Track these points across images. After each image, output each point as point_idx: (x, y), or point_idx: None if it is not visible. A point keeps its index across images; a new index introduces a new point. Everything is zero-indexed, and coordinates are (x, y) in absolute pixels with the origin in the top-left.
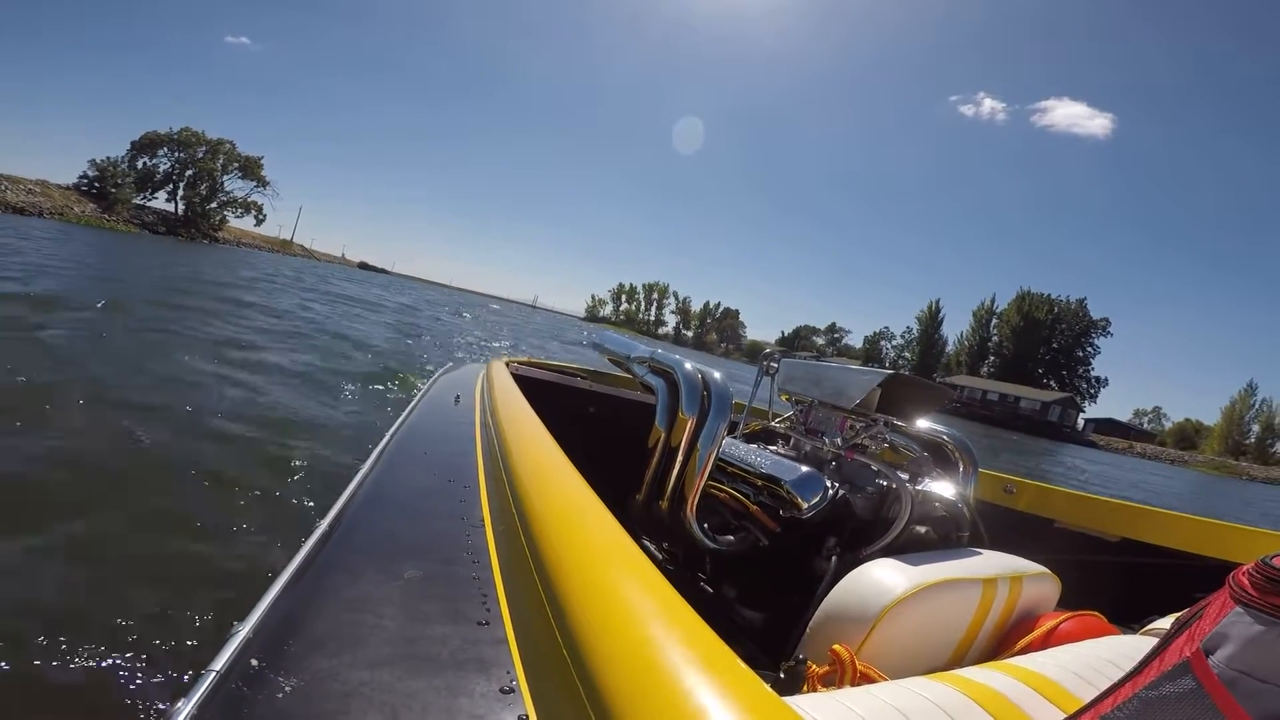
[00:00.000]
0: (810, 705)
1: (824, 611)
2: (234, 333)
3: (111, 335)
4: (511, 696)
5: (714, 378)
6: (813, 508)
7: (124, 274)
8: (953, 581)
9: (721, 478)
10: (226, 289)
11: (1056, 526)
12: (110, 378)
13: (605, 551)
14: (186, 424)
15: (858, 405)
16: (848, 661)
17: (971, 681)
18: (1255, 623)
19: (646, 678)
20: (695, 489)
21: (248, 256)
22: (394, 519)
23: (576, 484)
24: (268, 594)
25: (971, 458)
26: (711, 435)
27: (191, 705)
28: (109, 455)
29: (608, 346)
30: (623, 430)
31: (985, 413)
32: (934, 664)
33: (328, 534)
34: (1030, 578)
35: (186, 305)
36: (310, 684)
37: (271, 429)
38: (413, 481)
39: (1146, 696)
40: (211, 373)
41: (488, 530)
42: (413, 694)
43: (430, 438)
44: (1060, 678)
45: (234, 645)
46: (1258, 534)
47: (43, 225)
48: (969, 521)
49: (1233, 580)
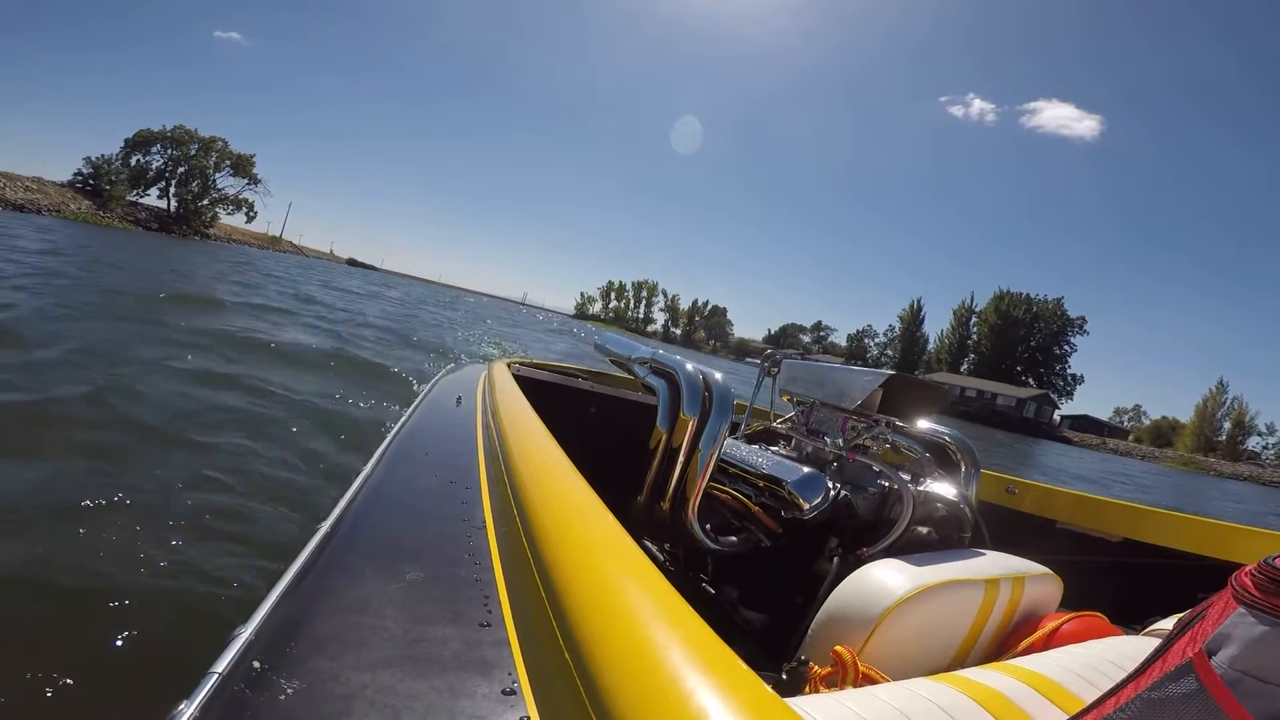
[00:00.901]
0: (812, 706)
1: (826, 612)
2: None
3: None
4: (513, 698)
5: (715, 379)
6: (814, 508)
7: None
8: (955, 582)
9: (723, 479)
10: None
11: (1058, 527)
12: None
13: (607, 552)
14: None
15: (859, 406)
16: (849, 662)
17: (974, 682)
18: (1258, 624)
19: (648, 679)
20: (697, 490)
21: (257, 257)
22: (396, 520)
23: (578, 485)
24: (269, 596)
25: (973, 458)
26: (713, 436)
27: (194, 707)
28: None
29: (609, 348)
30: (624, 431)
31: (963, 409)
32: (936, 665)
33: (329, 535)
34: (1032, 578)
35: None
36: (312, 686)
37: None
38: (414, 483)
39: (1149, 697)
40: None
41: (489, 531)
42: (414, 695)
43: (432, 439)
44: (1062, 679)
45: (236, 647)
46: (1260, 535)
47: (47, 223)
48: (971, 522)
49: (1235, 581)
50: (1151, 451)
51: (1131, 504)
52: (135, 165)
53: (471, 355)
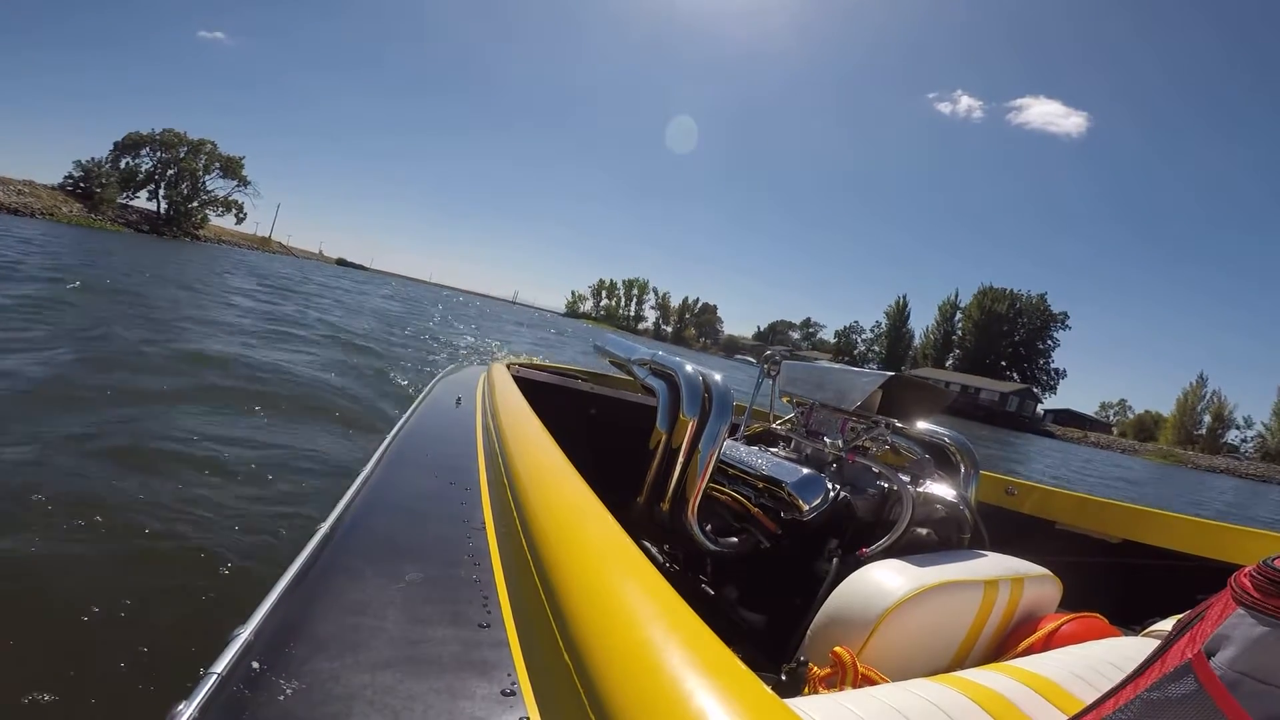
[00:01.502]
0: (811, 707)
1: (825, 613)
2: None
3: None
4: (513, 699)
5: (715, 380)
6: (814, 509)
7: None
8: (954, 583)
9: (723, 480)
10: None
11: (1058, 528)
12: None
13: (606, 554)
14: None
15: (859, 407)
16: (849, 663)
17: (973, 683)
18: (1257, 624)
19: (647, 680)
20: (696, 491)
21: (246, 259)
22: (395, 521)
23: (578, 486)
24: (269, 596)
25: (972, 459)
26: (712, 437)
27: (193, 708)
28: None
29: (609, 349)
30: (624, 432)
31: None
32: (935, 666)
33: (329, 536)
34: (1031, 579)
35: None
36: (311, 686)
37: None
38: (414, 484)
39: (1148, 698)
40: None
41: (489, 532)
42: (414, 696)
43: (431, 440)
44: (1062, 679)
45: (235, 648)
46: (1260, 535)
47: (39, 230)
48: (970, 523)
49: (1234, 582)
50: (1132, 445)
51: (1131, 505)
52: (125, 168)
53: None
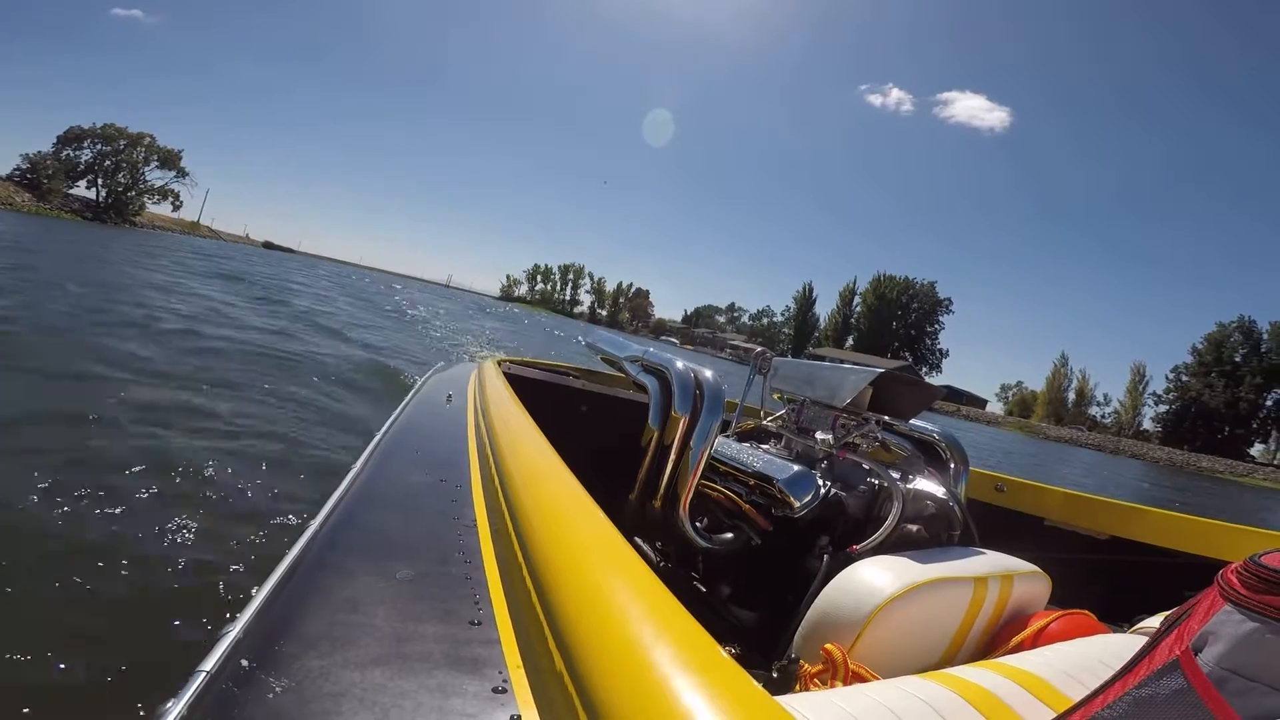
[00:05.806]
0: (802, 704)
1: (816, 610)
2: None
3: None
4: (504, 696)
5: (706, 377)
6: (805, 506)
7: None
8: (944, 580)
9: (714, 476)
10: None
11: (1047, 525)
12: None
13: (598, 551)
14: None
15: (850, 404)
16: (840, 660)
17: (962, 680)
18: (1244, 621)
19: (639, 677)
20: (688, 488)
21: (174, 244)
22: (386, 518)
23: (569, 483)
24: (258, 594)
25: (962, 456)
26: (704, 434)
27: (181, 706)
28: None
29: (600, 345)
30: (615, 429)
31: None
32: (925, 663)
33: (319, 533)
34: (1021, 576)
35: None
36: (301, 684)
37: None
38: (405, 480)
39: (1136, 695)
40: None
41: (480, 529)
42: (404, 694)
43: (422, 436)
44: (1051, 676)
45: (224, 645)
46: (1247, 532)
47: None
48: (960, 520)
49: (1222, 578)
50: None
51: (1120, 502)
52: (66, 159)
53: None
